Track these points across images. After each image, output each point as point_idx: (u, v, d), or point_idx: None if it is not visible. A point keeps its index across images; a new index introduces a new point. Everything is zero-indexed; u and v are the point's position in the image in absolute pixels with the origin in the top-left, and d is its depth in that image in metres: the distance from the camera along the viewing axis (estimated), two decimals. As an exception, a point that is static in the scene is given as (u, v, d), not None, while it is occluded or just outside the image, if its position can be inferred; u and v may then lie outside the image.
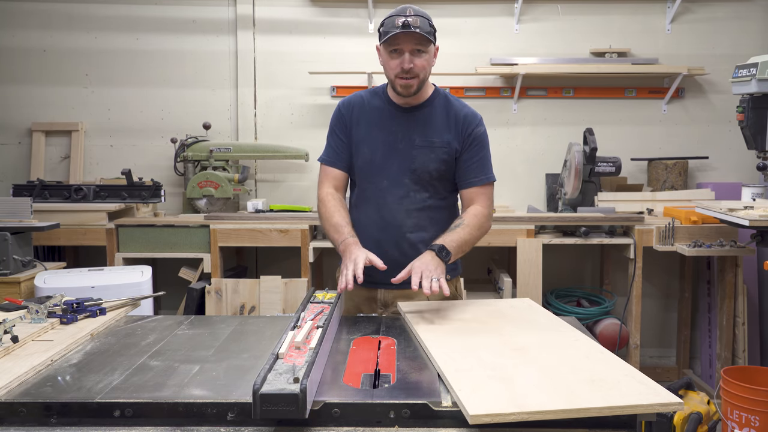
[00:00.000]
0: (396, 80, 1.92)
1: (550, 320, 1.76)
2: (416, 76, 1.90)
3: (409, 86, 1.92)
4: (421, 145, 1.98)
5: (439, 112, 2.01)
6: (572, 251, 4.09)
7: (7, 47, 4.09)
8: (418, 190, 1.99)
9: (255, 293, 3.40)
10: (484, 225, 1.99)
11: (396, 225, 1.99)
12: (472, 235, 1.93)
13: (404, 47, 1.87)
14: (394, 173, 1.99)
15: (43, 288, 2.84)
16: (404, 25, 1.83)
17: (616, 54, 4.02)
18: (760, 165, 3.04)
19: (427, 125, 1.99)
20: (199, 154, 3.85)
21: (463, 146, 1.99)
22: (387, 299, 2.06)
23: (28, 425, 1.19)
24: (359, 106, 2.05)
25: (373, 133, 2.01)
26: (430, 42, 1.88)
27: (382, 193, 2.00)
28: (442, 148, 1.98)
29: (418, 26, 1.83)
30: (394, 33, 1.84)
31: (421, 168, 1.97)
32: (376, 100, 2.05)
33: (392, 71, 1.92)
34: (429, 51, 1.91)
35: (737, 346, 3.49)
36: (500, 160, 4.19)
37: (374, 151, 2.01)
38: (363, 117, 2.03)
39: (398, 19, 1.84)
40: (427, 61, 1.91)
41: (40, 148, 4.09)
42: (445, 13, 4.04)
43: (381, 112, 2.03)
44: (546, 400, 1.17)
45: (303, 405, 1.11)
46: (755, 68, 2.92)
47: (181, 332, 1.70)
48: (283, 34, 4.08)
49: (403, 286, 1.99)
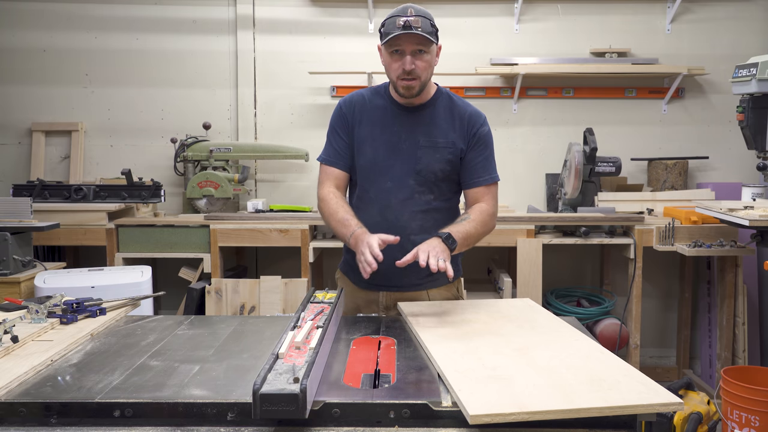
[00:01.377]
0: (398, 81, 1.90)
1: (550, 320, 1.76)
2: (418, 78, 1.87)
3: (411, 87, 1.89)
4: (426, 146, 1.95)
5: (443, 112, 1.99)
6: (572, 251, 4.09)
7: (7, 47, 4.09)
8: (423, 192, 1.97)
9: (255, 293, 3.40)
10: (489, 223, 1.97)
11: (400, 227, 1.94)
12: (477, 230, 1.91)
13: (405, 48, 1.84)
14: (398, 174, 1.96)
15: (43, 288, 2.84)
16: (405, 26, 1.80)
17: (616, 54, 4.02)
18: (760, 165, 3.04)
19: (431, 125, 1.97)
20: (199, 154, 3.85)
21: (468, 146, 1.97)
22: (389, 302, 2.04)
23: (28, 425, 1.19)
24: (361, 105, 2.01)
25: (375, 132, 1.98)
26: (432, 42, 1.85)
27: (385, 194, 1.97)
28: (446, 148, 1.95)
29: (420, 26, 1.81)
30: (395, 34, 1.81)
31: (426, 169, 1.95)
32: (378, 99, 2.01)
33: (394, 72, 1.89)
34: (431, 51, 1.88)
35: (737, 346, 3.49)
36: (500, 160, 4.13)
37: (377, 152, 1.97)
38: (365, 116, 2.00)
39: (399, 20, 1.81)
40: (428, 62, 1.88)
41: (40, 148, 4.09)
42: (445, 13, 4.04)
43: (384, 112, 1.99)
44: (546, 400, 1.17)
45: (303, 405, 1.11)
46: (755, 68, 2.92)
47: (181, 332, 1.70)
48: (283, 34, 4.08)
49: (405, 288, 2.01)
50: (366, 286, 2.03)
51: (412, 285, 2.01)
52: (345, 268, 2.13)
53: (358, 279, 2.00)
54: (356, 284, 2.07)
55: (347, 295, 2.06)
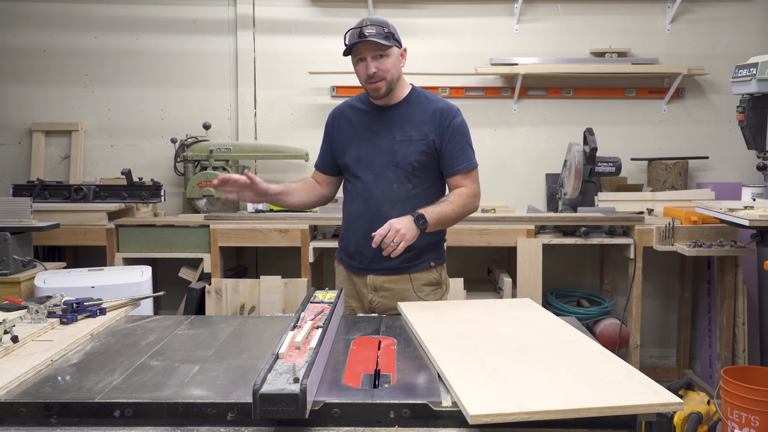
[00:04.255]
0: (366, 85, 2.11)
1: (550, 320, 1.76)
2: (383, 79, 2.07)
3: (377, 89, 2.09)
4: (401, 140, 2.13)
5: (416, 109, 2.17)
6: (572, 251, 4.09)
7: (7, 47, 4.09)
8: (402, 182, 2.14)
9: (255, 293, 3.40)
10: (469, 204, 2.13)
11: (382, 215, 2.09)
12: (455, 211, 2.08)
13: (365, 54, 2.06)
14: (378, 168, 2.15)
15: (43, 288, 2.84)
16: (361, 35, 2.02)
17: (616, 54, 4.02)
18: (760, 165, 3.04)
19: (405, 121, 2.15)
20: (199, 154, 3.85)
21: (442, 138, 2.13)
22: (375, 284, 2.19)
23: (28, 425, 1.19)
24: (343, 114, 2.26)
25: (358, 133, 2.20)
26: (388, 46, 2.04)
27: (368, 186, 2.16)
28: (420, 141, 2.12)
29: (374, 34, 2.02)
30: (353, 43, 2.04)
31: (403, 161, 2.12)
32: (360, 104, 2.25)
33: (361, 77, 2.11)
34: (390, 54, 2.07)
35: (737, 346, 3.49)
36: (500, 160, 4.22)
37: (360, 150, 2.18)
38: (347, 122, 2.23)
39: (356, 31, 2.04)
40: (391, 64, 2.08)
41: (40, 148, 4.09)
42: (445, 13, 4.04)
43: (365, 114, 2.21)
44: (546, 400, 1.17)
45: (303, 405, 1.11)
46: (755, 68, 2.92)
47: (181, 332, 1.70)
48: (283, 34, 4.08)
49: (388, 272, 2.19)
50: (356, 270, 2.23)
51: (395, 268, 2.17)
52: (340, 256, 2.33)
53: (349, 265, 2.26)
54: (348, 270, 2.27)
55: (344, 280, 2.29)
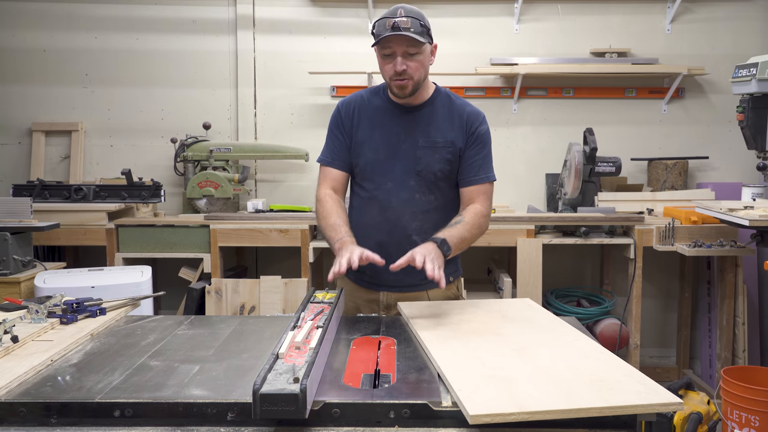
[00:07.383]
0: (391, 82, 1.90)
1: (550, 320, 1.76)
2: (411, 78, 1.87)
3: (404, 87, 1.89)
4: (425, 146, 1.95)
5: (441, 111, 1.98)
6: (572, 251, 4.09)
7: (7, 47, 4.09)
8: (424, 193, 1.97)
9: (255, 293, 3.40)
10: (483, 225, 1.96)
11: (401, 227, 1.96)
12: (471, 233, 1.90)
13: (396, 49, 1.84)
14: (398, 175, 1.96)
15: (43, 288, 2.84)
16: (394, 27, 1.80)
17: (616, 54, 4.02)
18: (760, 165, 3.04)
19: (429, 125, 1.97)
20: (199, 154, 3.85)
21: (466, 144, 1.97)
22: (389, 301, 2.03)
23: (28, 425, 1.19)
24: (359, 106, 2.01)
25: (375, 133, 1.98)
26: (422, 43, 1.84)
27: (386, 195, 1.97)
28: (445, 148, 1.95)
29: (409, 27, 1.80)
30: (384, 35, 1.81)
31: (426, 169, 1.95)
32: (377, 100, 2.02)
33: (387, 74, 1.90)
34: (422, 51, 1.87)
35: (737, 346, 3.49)
36: (500, 160, 4.17)
37: (377, 152, 1.98)
38: (364, 117, 2.00)
39: (389, 21, 1.81)
40: (421, 62, 1.88)
41: (40, 148, 4.09)
42: (445, 13, 4.04)
43: (383, 112, 1.99)
44: (546, 400, 1.17)
45: (303, 405, 1.11)
46: (755, 68, 2.92)
47: (181, 332, 1.70)
48: (283, 34, 4.08)
49: (405, 288, 2.01)
50: (367, 285, 2.03)
51: (412, 285, 2.00)
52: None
53: (358, 278, 2.04)
54: (356, 283, 2.07)
55: (347, 294, 2.05)
